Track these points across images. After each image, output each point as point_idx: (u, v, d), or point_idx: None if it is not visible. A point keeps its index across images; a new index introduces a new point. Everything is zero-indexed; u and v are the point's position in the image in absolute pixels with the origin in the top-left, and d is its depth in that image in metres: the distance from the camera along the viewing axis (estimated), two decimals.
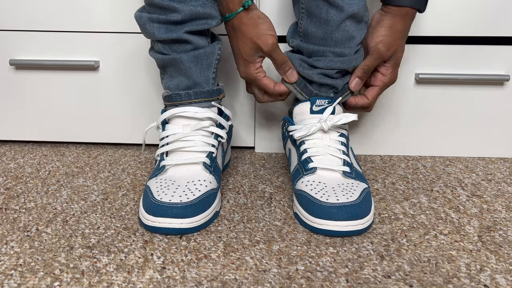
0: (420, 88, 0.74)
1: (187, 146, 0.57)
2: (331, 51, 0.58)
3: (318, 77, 0.60)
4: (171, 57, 0.58)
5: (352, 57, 0.58)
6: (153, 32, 0.56)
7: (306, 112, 0.61)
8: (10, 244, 0.49)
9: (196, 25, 0.57)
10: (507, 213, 0.57)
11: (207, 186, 0.54)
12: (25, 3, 0.72)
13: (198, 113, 0.58)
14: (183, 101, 0.60)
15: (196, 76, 0.59)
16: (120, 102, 0.77)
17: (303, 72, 0.60)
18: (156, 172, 0.57)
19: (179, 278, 0.43)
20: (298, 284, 0.43)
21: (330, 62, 0.58)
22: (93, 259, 0.46)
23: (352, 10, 0.54)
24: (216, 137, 0.60)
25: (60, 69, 0.76)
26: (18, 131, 0.80)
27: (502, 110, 0.74)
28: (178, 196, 0.51)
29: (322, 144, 0.58)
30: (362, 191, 0.53)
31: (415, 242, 0.50)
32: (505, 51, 0.71)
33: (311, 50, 0.59)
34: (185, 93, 0.59)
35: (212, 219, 0.54)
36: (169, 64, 0.59)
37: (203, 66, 0.59)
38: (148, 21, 0.56)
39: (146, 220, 0.50)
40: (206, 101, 0.60)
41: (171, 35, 0.56)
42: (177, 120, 0.59)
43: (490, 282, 0.43)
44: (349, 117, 0.58)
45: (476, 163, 0.75)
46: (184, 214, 0.49)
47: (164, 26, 0.56)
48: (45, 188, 0.63)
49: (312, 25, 0.57)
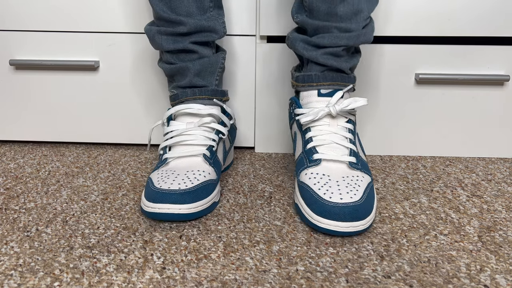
0: (420, 88, 0.74)
1: (189, 139, 0.60)
2: (336, 27, 0.55)
3: (323, 58, 0.57)
4: (178, 66, 0.61)
5: (360, 32, 0.55)
6: (161, 43, 0.60)
7: (314, 95, 0.58)
8: (10, 244, 0.49)
9: (200, 37, 0.60)
10: (507, 213, 0.57)
11: (205, 177, 0.55)
12: (25, 3, 0.72)
13: (201, 110, 0.61)
14: (189, 97, 0.62)
15: (200, 82, 0.62)
16: (120, 102, 0.77)
17: (307, 55, 0.58)
18: (159, 165, 0.59)
19: (179, 278, 0.43)
20: (298, 284, 0.43)
21: (335, 38, 0.55)
22: (93, 259, 0.46)
23: None
24: (217, 133, 0.62)
25: (60, 69, 0.76)
26: (18, 131, 0.80)
27: (502, 110, 0.74)
28: (177, 184, 0.53)
29: (328, 131, 0.56)
30: (366, 187, 0.53)
31: (415, 242, 0.50)
32: (505, 51, 0.71)
33: (315, 26, 0.56)
34: (191, 90, 0.62)
35: (210, 209, 0.55)
36: (176, 73, 0.63)
37: (206, 73, 0.63)
38: (157, 34, 0.60)
39: (146, 207, 0.52)
40: (210, 99, 0.63)
41: (177, 45, 0.60)
42: (181, 118, 0.62)
43: (490, 282, 0.43)
44: (359, 101, 0.56)
45: (476, 163, 0.75)
46: (182, 200, 0.51)
47: (171, 38, 0.60)
48: (45, 188, 0.63)
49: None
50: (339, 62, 0.57)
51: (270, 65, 0.74)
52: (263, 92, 0.75)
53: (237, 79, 0.75)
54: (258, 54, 0.73)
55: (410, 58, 0.72)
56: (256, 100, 0.76)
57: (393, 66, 0.72)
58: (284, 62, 0.73)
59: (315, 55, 0.57)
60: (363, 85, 0.74)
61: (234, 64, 0.74)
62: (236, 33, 0.72)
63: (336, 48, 0.56)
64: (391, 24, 0.70)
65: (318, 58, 0.57)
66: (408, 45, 0.71)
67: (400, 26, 0.70)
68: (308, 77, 0.59)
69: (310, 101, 0.59)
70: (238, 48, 0.73)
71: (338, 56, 0.57)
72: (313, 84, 0.59)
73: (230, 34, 0.73)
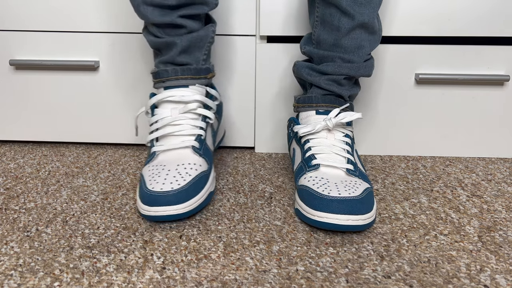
0: (420, 88, 0.74)
1: (176, 130, 0.58)
2: (340, 57, 0.59)
3: (326, 84, 0.61)
4: (164, 40, 0.59)
5: (361, 65, 0.60)
6: (147, 14, 0.57)
7: (312, 114, 0.62)
8: (10, 244, 0.49)
9: (190, 9, 0.57)
10: (507, 213, 0.57)
11: (197, 170, 0.55)
12: (25, 3, 0.72)
13: (184, 97, 0.59)
14: (170, 77, 0.60)
15: (185, 59, 0.60)
16: (120, 102, 0.77)
17: (310, 79, 0.62)
18: (149, 159, 0.58)
19: (179, 278, 0.43)
20: (298, 284, 0.43)
21: (338, 67, 0.59)
22: (93, 259, 0.46)
23: (362, 19, 0.56)
24: (204, 118, 0.61)
25: (60, 69, 0.76)
26: (18, 131, 0.80)
27: (502, 110, 0.74)
28: (169, 183, 0.52)
29: (326, 143, 0.59)
30: (365, 190, 0.53)
31: (415, 242, 0.50)
32: (505, 51, 0.71)
33: (321, 55, 0.60)
34: (172, 68, 0.60)
35: (206, 200, 0.55)
36: (162, 47, 0.60)
37: (195, 49, 0.60)
38: (142, 3, 0.57)
39: (143, 210, 0.52)
40: (193, 79, 0.61)
41: (165, 19, 0.57)
42: (165, 104, 0.60)
43: (490, 283, 0.43)
44: (354, 115, 0.59)
45: (476, 163, 0.75)
46: (176, 201, 0.51)
47: (158, 9, 0.56)
48: (45, 188, 0.63)
49: (324, 32, 0.59)
50: (340, 89, 0.61)
51: (270, 65, 0.74)
52: (263, 92, 0.75)
53: (237, 79, 0.75)
54: (258, 54, 0.73)
55: (410, 58, 0.72)
56: (256, 100, 0.76)
57: (393, 66, 0.72)
58: (284, 62, 0.73)
59: (318, 80, 0.61)
60: (363, 85, 0.74)
61: (234, 64, 0.74)
62: (236, 33, 0.72)
63: (338, 76, 0.60)
64: (391, 24, 0.70)
65: (320, 83, 0.61)
66: (408, 45, 0.71)
67: (401, 26, 0.70)
68: (309, 98, 0.62)
69: (308, 119, 0.62)
70: (238, 48, 0.73)
71: (340, 84, 0.61)
72: (313, 105, 0.62)
73: (230, 34, 0.73)
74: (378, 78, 0.73)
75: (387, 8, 0.69)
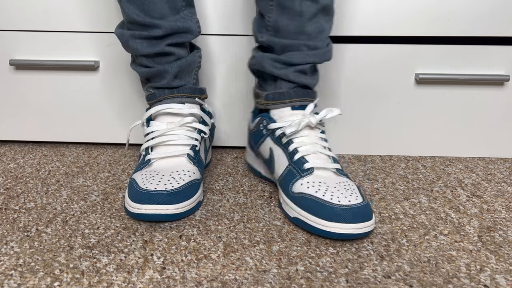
0: (420, 88, 0.74)
1: (171, 140, 0.59)
2: (305, 45, 0.56)
3: (294, 76, 0.58)
4: (156, 69, 0.60)
5: (325, 50, 0.58)
6: (137, 47, 0.59)
7: (287, 110, 0.59)
8: (10, 244, 0.49)
9: (176, 38, 0.59)
10: (507, 213, 0.57)
11: (190, 176, 0.55)
12: (25, 3, 0.72)
13: (182, 110, 0.60)
14: (167, 96, 0.61)
15: (178, 83, 0.62)
16: (120, 102, 0.77)
17: (277, 73, 0.58)
18: (141, 166, 0.58)
19: (179, 278, 0.43)
20: (298, 284, 0.43)
21: (305, 56, 0.57)
22: (93, 259, 0.46)
23: (326, 2, 0.54)
24: (199, 132, 0.61)
25: (60, 69, 0.76)
26: (18, 131, 0.80)
27: (502, 110, 0.74)
28: (163, 185, 0.52)
29: (310, 142, 0.57)
30: (359, 190, 0.53)
31: (415, 242, 0.50)
32: (505, 51, 0.71)
33: (283, 44, 0.57)
34: (169, 90, 0.61)
35: (195, 208, 0.55)
36: (154, 75, 0.61)
37: (184, 73, 0.62)
38: (130, 38, 0.59)
39: (132, 208, 0.51)
40: (189, 97, 0.62)
41: (154, 49, 0.59)
42: (162, 118, 0.61)
43: (490, 282, 0.43)
44: (335, 112, 0.57)
45: (476, 163, 0.75)
46: (169, 201, 0.51)
47: (146, 42, 0.58)
48: (45, 188, 0.63)
49: (283, 18, 0.56)
50: (307, 79, 0.59)
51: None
52: None
53: (235, 80, 0.75)
54: None
55: (410, 58, 0.72)
56: None
57: (393, 66, 0.72)
58: None
59: (286, 72, 0.58)
60: (363, 85, 0.74)
61: (232, 64, 0.74)
62: (235, 33, 0.72)
63: (305, 66, 0.58)
64: (391, 24, 0.70)
65: (289, 76, 0.58)
66: (408, 45, 0.71)
67: (401, 26, 0.70)
68: (280, 95, 0.59)
69: (283, 115, 0.59)
70: (237, 49, 0.73)
71: (306, 73, 0.59)
72: (286, 101, 0.59)
73: (229, 34, 0.73)
74: (378, 78, 0.73)
75: (387, 8, 0.69)
